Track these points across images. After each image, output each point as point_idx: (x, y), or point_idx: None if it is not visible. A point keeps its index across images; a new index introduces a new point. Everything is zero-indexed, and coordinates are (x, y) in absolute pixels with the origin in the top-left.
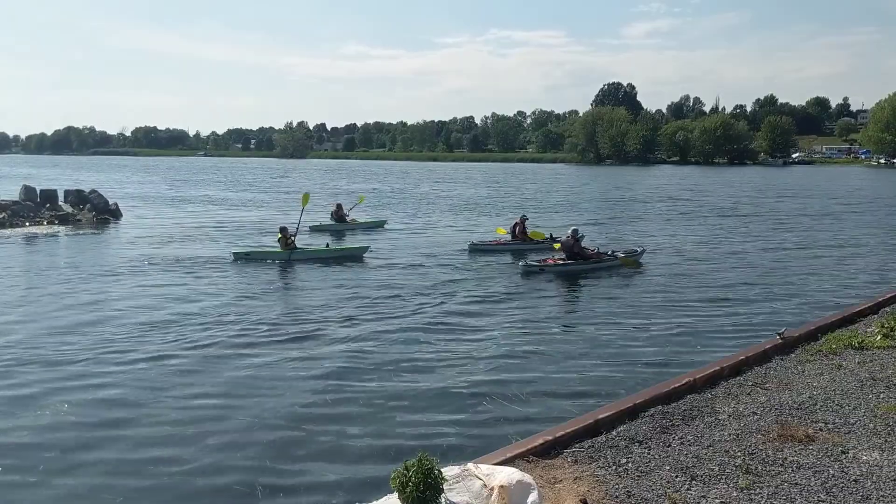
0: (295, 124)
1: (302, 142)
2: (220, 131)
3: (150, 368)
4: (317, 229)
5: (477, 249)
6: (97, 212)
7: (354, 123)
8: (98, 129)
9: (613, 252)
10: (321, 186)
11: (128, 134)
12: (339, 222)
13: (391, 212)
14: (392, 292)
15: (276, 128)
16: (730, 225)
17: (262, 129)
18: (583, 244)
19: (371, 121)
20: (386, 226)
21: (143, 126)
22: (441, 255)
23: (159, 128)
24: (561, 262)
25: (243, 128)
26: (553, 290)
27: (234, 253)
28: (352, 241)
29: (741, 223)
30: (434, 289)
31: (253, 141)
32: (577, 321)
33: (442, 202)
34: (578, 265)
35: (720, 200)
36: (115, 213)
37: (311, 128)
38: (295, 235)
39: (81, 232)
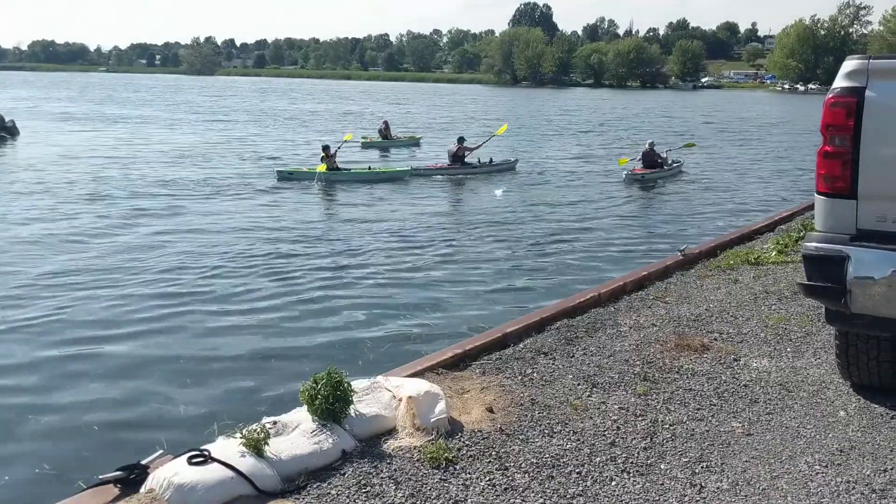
0: (203, 40)
1: (210, 58)
2: (123, 46)
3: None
4: (367, 146)
5: (418, 174)
6: None
7: (265, 40)
8: None
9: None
10: (253, 106)
11: (24, 48)
12: (385, 140)
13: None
14: (402, 220)
15: (183, 43)
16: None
17: (167, 45)
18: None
19: (282, 37)
20: (421, 141)
21: (40, 39)
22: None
23: (58, 41)
24: (647, 170)
25: (147, 42)
26: (474, 204)
27: (278, 171)
28: (396, 157)
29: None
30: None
31: (158, 57)
32: (491, 239)
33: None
34: (657, 173)
35: (634, 122)
36: (12, 131)
37: (219, 44)
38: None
39: None
